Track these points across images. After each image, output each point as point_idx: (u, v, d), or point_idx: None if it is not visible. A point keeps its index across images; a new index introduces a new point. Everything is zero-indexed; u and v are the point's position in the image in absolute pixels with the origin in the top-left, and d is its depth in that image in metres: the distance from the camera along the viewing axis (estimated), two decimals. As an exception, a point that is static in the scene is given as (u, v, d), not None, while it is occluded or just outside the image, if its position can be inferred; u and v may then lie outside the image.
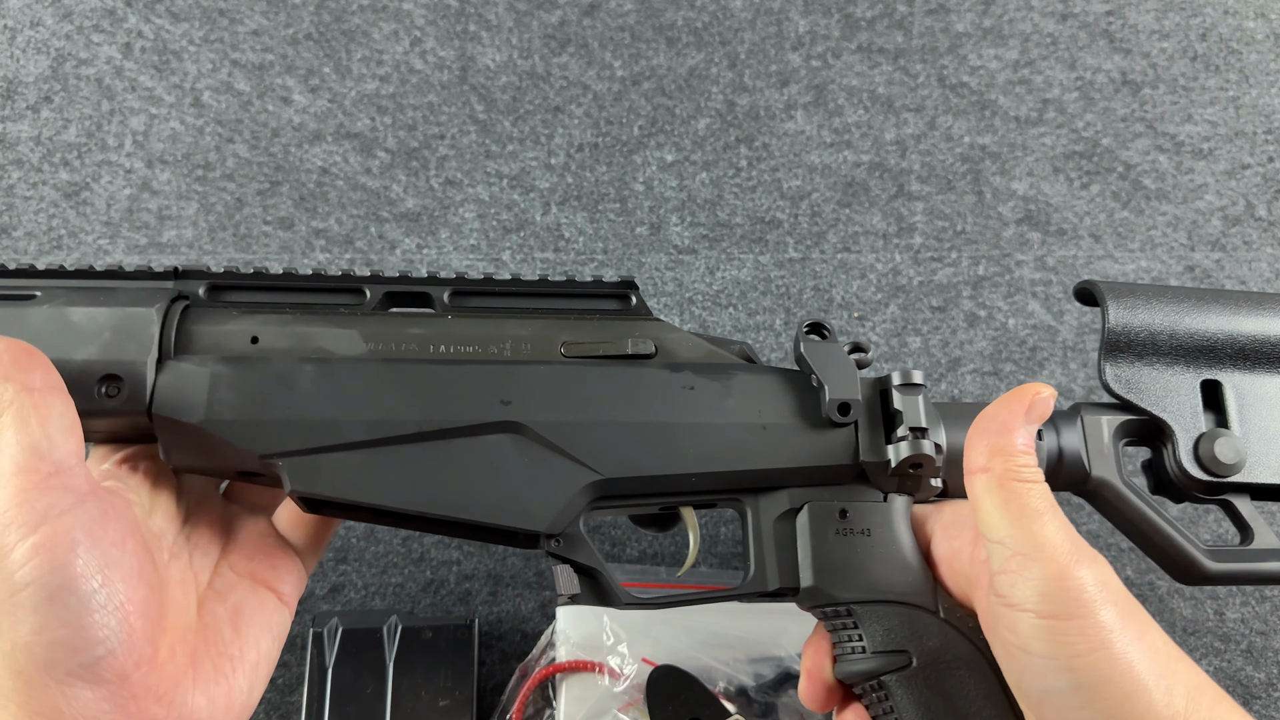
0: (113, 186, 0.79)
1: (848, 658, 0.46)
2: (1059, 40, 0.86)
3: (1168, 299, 0.52)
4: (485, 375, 0.46)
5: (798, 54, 0.85)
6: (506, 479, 0.45)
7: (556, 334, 0.48)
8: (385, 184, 0.80)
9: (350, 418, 0.44)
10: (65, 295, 0.45)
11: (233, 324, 0.46)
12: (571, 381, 0.46)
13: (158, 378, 0.43)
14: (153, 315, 0.44)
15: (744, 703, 0.64)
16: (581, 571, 0.46)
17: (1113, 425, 0.51)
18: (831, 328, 0.50)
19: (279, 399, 0.44)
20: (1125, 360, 0.52)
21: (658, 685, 0.62)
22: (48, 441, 0.36)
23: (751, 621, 0.67)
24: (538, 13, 0.85)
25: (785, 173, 0.82)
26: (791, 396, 0.48)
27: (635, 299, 0.50)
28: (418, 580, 0.70)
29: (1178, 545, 0.50)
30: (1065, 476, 0.51)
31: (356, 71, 0.83)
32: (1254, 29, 0.87)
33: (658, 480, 0.46)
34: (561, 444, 0.45)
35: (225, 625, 0.42)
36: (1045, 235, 0.80)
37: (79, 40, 0.82)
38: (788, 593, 0.47)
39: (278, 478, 0.43)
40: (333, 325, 0.47)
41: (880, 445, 0.47)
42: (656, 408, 0.47)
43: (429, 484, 0.44)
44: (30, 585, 0.34)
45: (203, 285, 0.47)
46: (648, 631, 0.65)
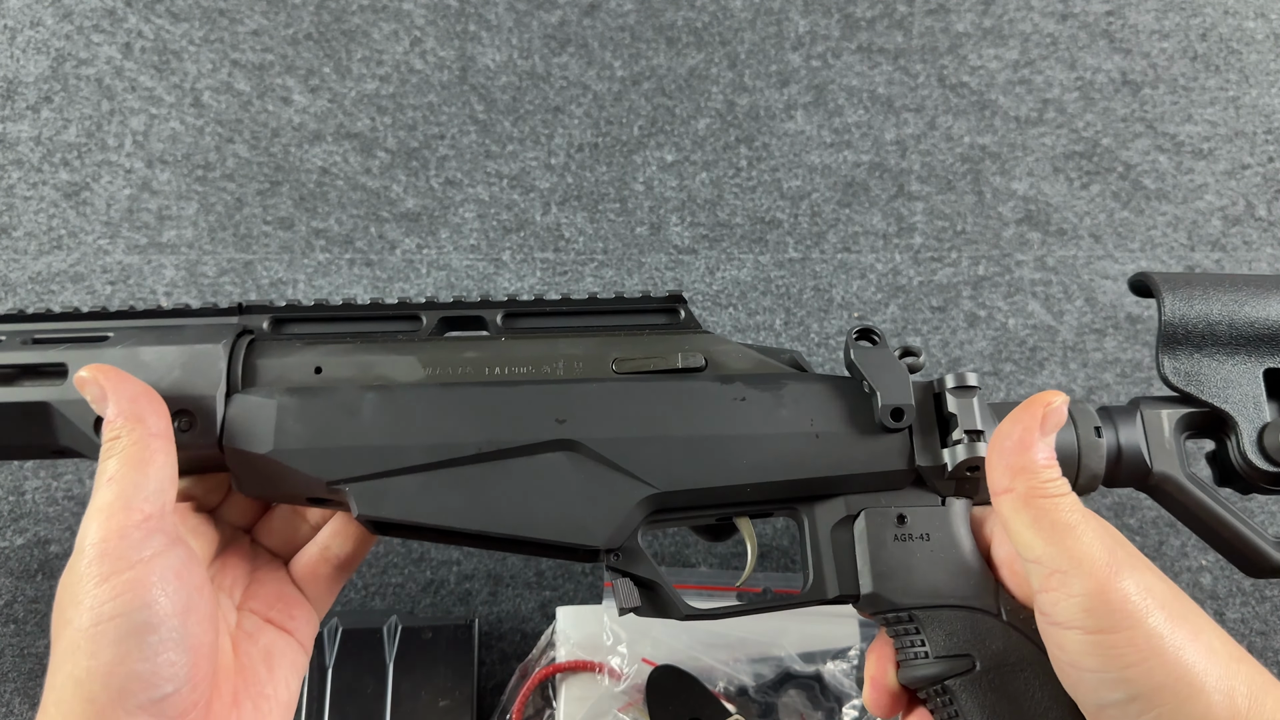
0: (113, 186, 0.79)
1: (911, 663, 0.45)
2: (1059, 40, 0.86)
3: (1226, 288, 0.51)
4: (540, 395, 0.47)
5: (798, 54, 0.85)
6: (564, 496, 0.45)
7: (608, 351, 0.49)
8: (385, 184, 0.80)
9: (411, 442, 0.45)
10: (136, 335, 0.47)
11: (296, 356, 0.48)
12: (624, 398, 0.47)
13: (227, 411, 0.45)
14: (220, 351, 0.46)
15: (744, 703, 0.64)
16: (641, 584, 0.47)
17: (1173, 419, 0.50)
18: (882, 333, 0.49)
19: (343, 427, 0.45)
20: (1184, 352, 0.51)
21: (658, 685, 0.62)
22: (149, 485, 0.39)
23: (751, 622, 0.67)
24: (538, 13, 0.85)
25: (785, 173, 0.82)
26: (843, 404, 0.48)
27: (684, 312, 0.51)
28: (418, 580, 0.70)
29: (1245, 538, 0.49)
30: (1126, 473, 0.50)
31: (356, 71, 0.83)
32: (1254, 29, 0.87)
33: (713, 492, 0.46)
34: (617, 460, 0.46)
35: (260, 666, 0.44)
36: (1045, 235, 0.80)
37: (79, 40, 0.82)
38: (847, 599, 0.47)
39: (345, 503, 0.45)
40: (392, 352, 0.48)
41: (936, 449, 0.47)
42: (709, 421, 0.47)
43: (489, 503, 0.45)
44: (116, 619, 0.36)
45: (266, 319, 0.49)
46: (647, 632, 0.65)
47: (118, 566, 0.37)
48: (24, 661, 0.67)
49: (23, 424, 0.46)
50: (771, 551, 0.71)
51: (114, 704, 0.36)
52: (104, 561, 0.37)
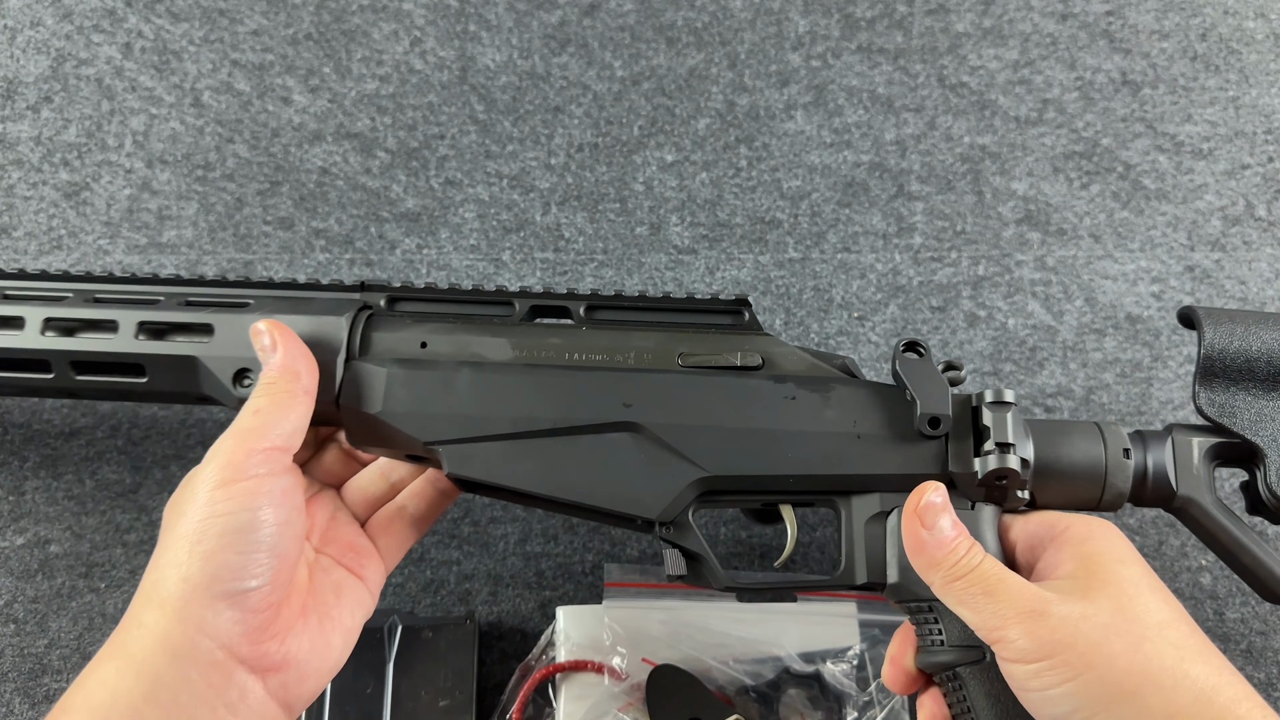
0: (113, 186, 0.79)
1: (928, 649, 0.49)
2: (1059, 40, 0.86)
3: (1269, 325, 0.53)
4: (611, 381, 0.52)
5: (798, 54, 0.85)
6: (626, 472, 0.51)
7: (675, 346, 0.54)
8: (385, 184, 0.80)
9: (498, 414, 0.51)
10: (273, 304, 0.54)
11: (406, 331, 0.54)
12: (685, 389, 0.52)
13: (345, 375, 0.52)
14: (343, 323, 0.53)
15: (744, 702, 0.64)
16: (688, 556, 0.52)
17: (1204, 447, 0.53)
18: (928, 346, 0.53)
19: (441, 396, 0.51)
20: (1220, 385, 0.53)
21: (658, 685, 0.62)
22: (285, 425, 0.46)
23: (751, 622, 0.67)
24: (538, 13, 0.85)
25: (785, 173, 0.82)
26: (886, 409, 0.52)
27: (748, 315, 0.56)
28: (418, 580, 0.70)
29: (1264, 565, 0.51)
30: (1151, 493, 0.52)
31: (356, 71, 0.83)
32: (1254, 29, 0.87)
33: (759, 480, 0.51)
34: (674, 444, 0.51)
35: (329, 593, 0.49)
36: (1045, 235, 0.80)
37: (79, 40, 0.82)
38: (875, 587, 0.52)
39: (438, 461, 0.51)
40: (487, 334, 0.54)
41: (968, 457, 0.50)
42: (760, 415, 0.52)
43: (560, 472, 0.51)
44: (225, 516, 0.42)
45: (383, 297, 0.56)
46: (648, 631, 0.65)
47: (237, 476, 0.43)
48: (24, 661, 0.67)
49: (172, 373, 0.54)
50: (772, 551, 0.72)
51: (204, 588, 0.41)
52: (227, 470, 0.43)
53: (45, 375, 0.56)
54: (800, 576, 0.55)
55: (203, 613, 0.41)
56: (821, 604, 0.68)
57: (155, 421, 0.73)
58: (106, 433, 0.72)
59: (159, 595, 0.42)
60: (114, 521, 0.71)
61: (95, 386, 0.56)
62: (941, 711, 0.49)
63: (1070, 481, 0.52)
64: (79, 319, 0.55)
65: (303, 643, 0.45)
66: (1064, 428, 0.53)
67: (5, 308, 0.56)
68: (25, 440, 0.72)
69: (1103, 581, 0.44)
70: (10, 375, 0.57)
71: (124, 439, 0.72)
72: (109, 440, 0.72)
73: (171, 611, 0.41)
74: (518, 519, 0.72)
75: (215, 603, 0.42)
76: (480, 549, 0.71)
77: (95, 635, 0.68)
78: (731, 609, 0.67)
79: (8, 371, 0.57)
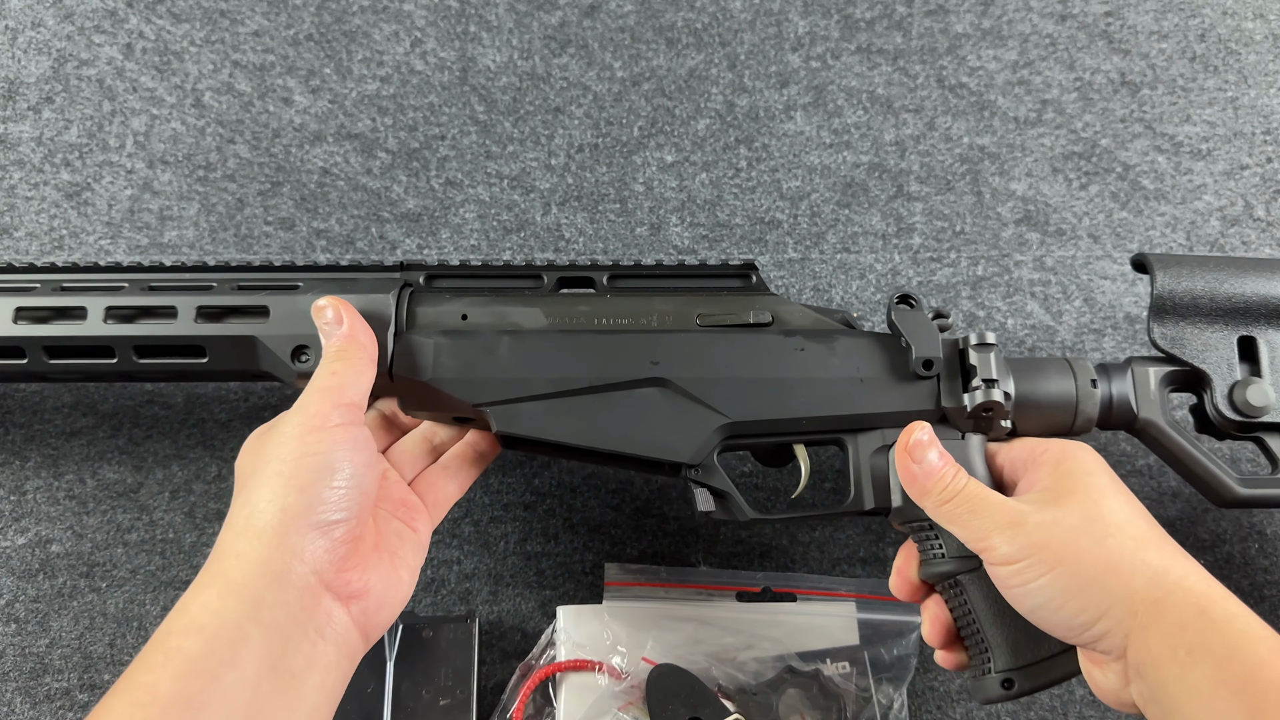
0: (114, 187, 0.79)
1: (930, 562, 0.55)
2: (1058, 41, 0.86)
3: (1210, 267, 0.61)
4: (638, 342, 0.58)
5: (797, 55, 0.85)
6: (656, 422, 0.56)
7: (693, 308, 0.60)
8: (386, 184, 0.80)
9: (537, 375, 0.56)
10: (321, 285, 0.59)
11: (447, 305, 0.59)
12: (705, 345, 0.58)
13: (395, 347, 0.57)
14: (389, 300, 0.58)
15: (743, 701, 0.64)
16: (715, 494, 0.58)
17: (1159, 375, 0.61)
18: (919, 298, 0.59)
19: (485, 362, 0.57)
20: (1171, 320, 0.61)
21: (658, 684, 0.62)
22: (359, 385, 0.52)
23: (751, 621, 0.67)
24: (538, 14, 0.85)
25: (785, 173, 0.82)
26: (884, 355, 0.58)
27: (755, 278, 0.62)
28: (418, 579, 0.70)
29: (1212, 473, 0.59)
30: (1116, 418, 0.60)
31: (357, 72, 0.83)
32: (1252, 30, 0.87)
33: (776, 423, 0.57)
34: (699, 395, 0.57)
35: (392, 537, 0.53)
36: (1044, 236, 0.80)
37: (80, 41, 0.83)
38: (881, 512, 0.58)
39: (486, 422, 0.56)
40: (521, 304, 0.59)
41: (958, 393, 0.57)
42: (773, 366, 0.58)
43: (597, 425, 0.56)
44: (317, 455, 0.48)
45: (422, 275, 0.61)
46: (648, 630, 0.65)
47: (324, 425, 0.49)
48: (25, 661, 0.67)
49: (233, 352, 0.58)
50: (771, 550, 0.72)
51: (300, 516, 0.46)
52: (315, 419, 0.49)
53: (109, 360, 0.60)
54: (815, 509, 0.60)
55: (299, 540, 0.46)
56: (821, 604, 0.68)
57: (156, 422, 0.73)
58: (108, 433, 0.73)
59: (254, 526, 0.46)
60: (115, 521, 0.71)
61: (157, 369, 0.60)
62: (943, 614, 0.56)
63: (1046, 411, 0.59)
64: (138, 306, 0.59)
65: (378, 575, 0.50)
66: (1039, 364, 0.60)
67: (68, 299, 0.59)
68: (26, 440, 0.72)
69: (1072, 490, 0.50)
70: (76, 362, 0.60)
71: (125, 439, 0.73)
72: (110, 440, 0.73)
73: (269, 539, 0.46)
74: (518, 519, 0.72)
75: (309, 531, 0.46)
76: (481, 548, 0.71)
77: (96, 635, 0.68)
78: (732, 609, 0.68)
79: (73, 359, 0.60)
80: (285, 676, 0.44)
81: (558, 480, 0.73)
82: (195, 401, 0.74)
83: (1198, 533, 0.72)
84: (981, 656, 0.54)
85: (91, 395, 0.73)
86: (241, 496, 0.48)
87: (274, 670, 0.44)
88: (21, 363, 0.60)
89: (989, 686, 0.53)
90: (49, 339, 0.59)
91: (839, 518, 0.60)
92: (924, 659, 0.69)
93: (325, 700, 0.46)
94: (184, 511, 0.71)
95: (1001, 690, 0.53)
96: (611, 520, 0.72)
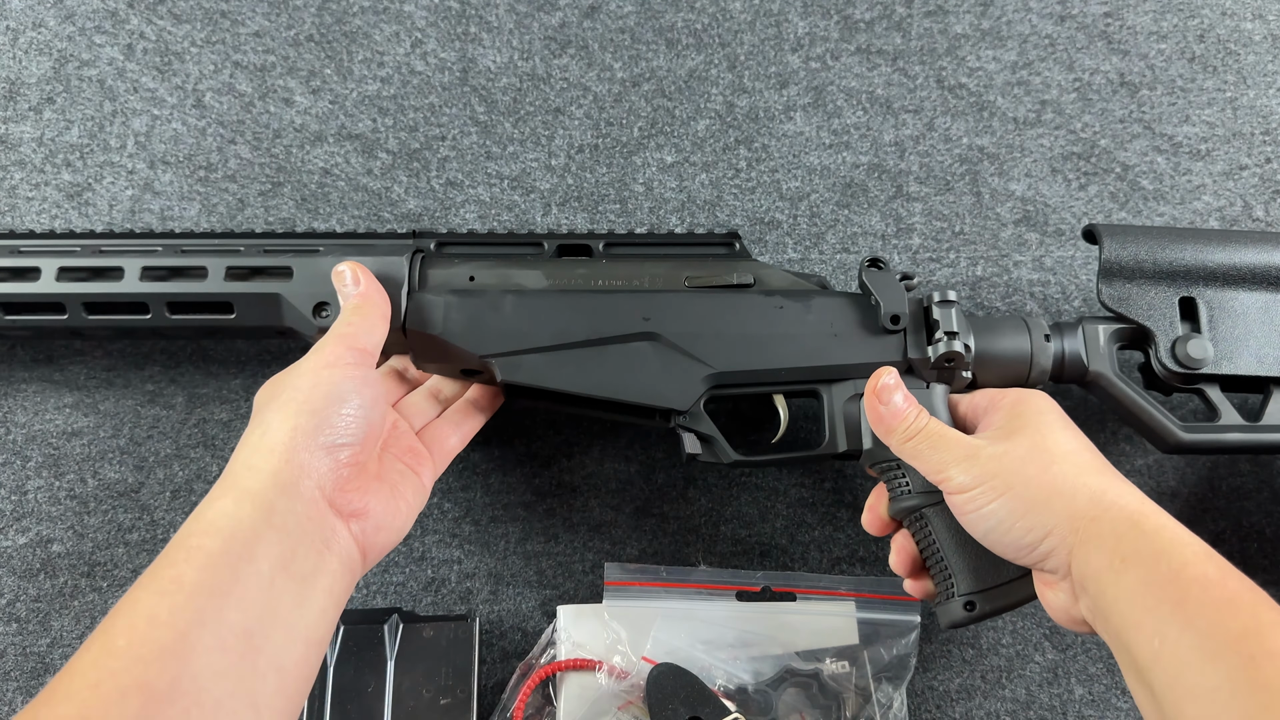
0: (115, 187, 0.79)
1: (898, 498, 0.60)
2: (1057, 42, 0.86)
3: (1153, 235, 0.66)
4: (631, 300, 0.63)
5: (797, 56, 0.85)
6: (648, 372, 0.62)
7: (682, 271, 0.65)
8: (387, 185, 0.80)
9: (539, 330, 0.61)
10: (341, 249, 0.64)
11: (455, 268, 0.64)
12: (692, 304, 0.63)
13: (408, 305, 0.62)
14: (403, 263, 0.62)
15: (743, 701, 0.64)
16: (701, 439, 0.63)
17: (1108, 332, 0.66)
18: (887, 261, 0.65)
19: (491, 318, 0.62)
20: (1118, 282, 0.66)
21: (658, 684, 0.63)
22: (373, 335, 0.57)
23: (751, 621, 0.67)
24: (538, 15, 0.86)
25: (784, 174, 0.82)
26: (856, 312, 0.64)
27: (739, 245, 0.67)
28: (419, 579, 0.71)
29: (1157, 419, 0.64)
30: (1069, 371, 0.65)
31: (358, 73, 0.83)
32: (1251, 30, 0.87)
33: (757, 374, 0.63)
34: (686, 348, 0.62)
35: (394, 474, 0.58)
36: (1043, 236, 0.80)
37: (81, 42, 0.83)
38: (852, 455, 0.63)
39: (492, 372, 0.61)
40: (524, 267, 0.64)
41: (923, 345, 0.63)
42: (755, 322, 0.63)
43: (594, 375, 0.61)
44: (329, 385, 0.52)
45: (433, 242, 0.66)
46: (648, 630, 0.65)
47: (338, 362, 0.54)
48: (26, 660, 0.67)
49: (259, 308, 0.63)
50: (771, 550, 0.72)
51: (310, 435, 0.50)
52: (330, 356, 0.54)
53: (143, 316, 0.64)
54: (793, 452, 0.64)
55: (307, 457, 0.50)
56: (821, 603, 0.68)
57: (157, 421, 0.73)
58: (109, 432, 0.73)
59: (266, 443, 0.50)
60: (116, 521, 0.71)
61: (187, 324, 0.64)
62: (910, 546, 0.61)
63: (1004, 363, 0.64)
64: (171, 266, 0.64)
65: (378, 500, 0.54)
66: (997, 321, 0.65)
67: (105, 260, 0.64)
68: (27, 440, 0.73)
69: (1024, 426, 0.55)
70: (112, 318, 0.65)
71: (126, 439, 0.73)
72: (111, 440, 0.73)
73: (280, 454, 0.49)
74: (518, 519, 0.72)
75: (317, 450, 0.50)
76: (481, 548, 0.71)
77: (97, 634, 0.68)
78: (731, 608, 0.68)
79: (110, 314, 0.64)
80: (296, 578, 0.48)
81: (558, 480, 0.73)
82: (196, 401, 0.74)
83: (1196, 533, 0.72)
84: (946, 583, 0.58)
85: (92, 395, 0.74)
86: (257, 419, 0.52)
87: (286, 570, 0.47)
88: (62, 318, 0.64)
89: (953, 610, 0.58)
90: (89, 295, 0.64)
91: (816, 461, 0.65)
92: (924, 658, 0.69)
93: (331, 605, 0.50)
94: (185, 511, 0.71)
95: (964, 612, 0.57)
96: (611, 520, 0.72)
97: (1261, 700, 0.39)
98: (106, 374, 0.74)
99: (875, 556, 0.72)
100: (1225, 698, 0.40)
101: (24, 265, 0.64)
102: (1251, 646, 0.41)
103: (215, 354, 0.75)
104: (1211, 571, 0.45)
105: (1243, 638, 0.41)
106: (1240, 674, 0.40)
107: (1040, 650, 0.70)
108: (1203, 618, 0.43)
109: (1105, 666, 0.70)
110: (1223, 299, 0.66)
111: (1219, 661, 0.41)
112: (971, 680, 0.70)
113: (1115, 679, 0.70)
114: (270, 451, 0.50)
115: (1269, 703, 0.39)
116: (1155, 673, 0.43)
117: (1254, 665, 0.40)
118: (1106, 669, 0.70)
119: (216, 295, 0.63)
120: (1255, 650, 0.40)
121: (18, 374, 0.74)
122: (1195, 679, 0.41)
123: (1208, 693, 0.41)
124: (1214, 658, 0.41)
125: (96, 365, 0.74)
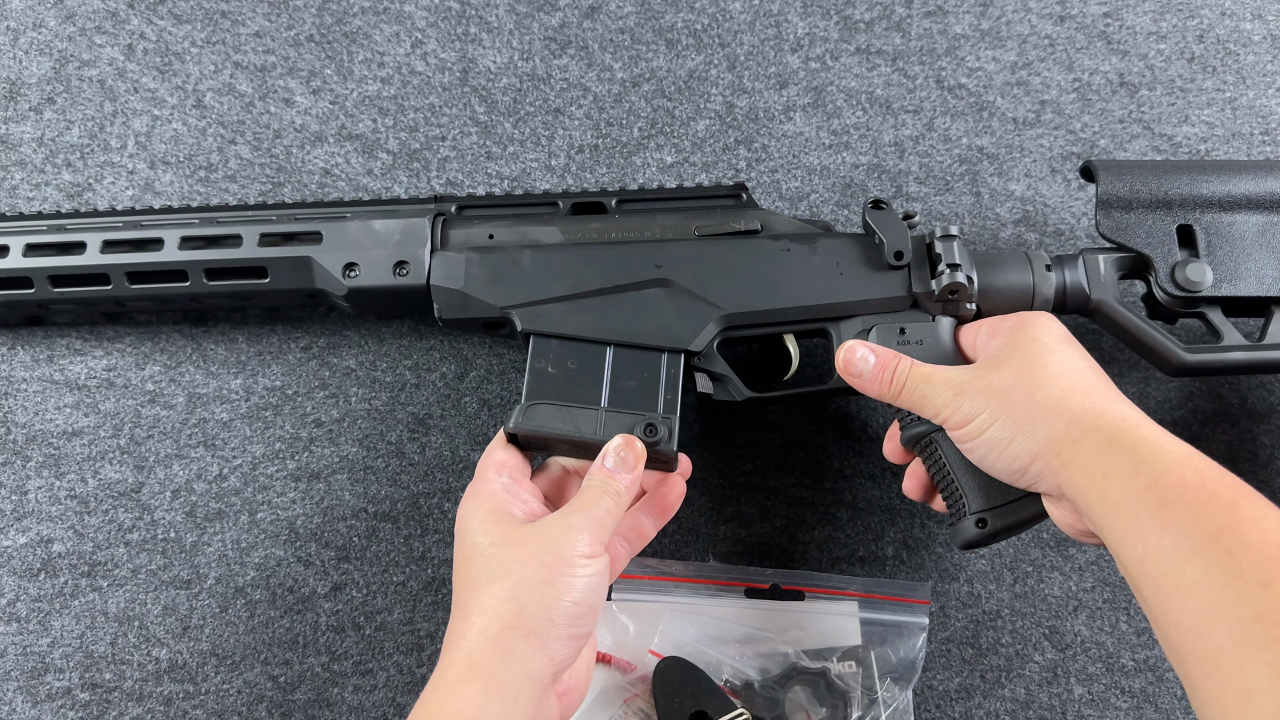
0: (115, 187, 0.79)
1: (908, 426, 0.62)
2: (1056, 42, 0.86)
3: (1148, 168, 0.68)
4: (644, 250, 0.65)
5: (796, 56, 0.86)
6: (662, 316, 0.64)
7: (691, 221, 0.67)
8: (387, 185, 0.80)
9: (556, 282, 0.64)
10: (368, 214, 0.68)
11: (476, 228, 0.67)
12: (703, 251, 0.66)
13: (432, 262, 0.65)
14: (426, 224, 0.67)
15: (749, 697, 0.64)
16: (714, 378, 0.65)
17: (1108, 261, 0.67)
18: (888, 202, 0.67)
19: (510, 272, 0.65)
20: (1116, 212, 0.67)
21: (664, 677, 0.62)
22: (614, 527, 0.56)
23: (759, 617, 0.67)
24: (538, 15, 0.86)
25: (784, 174, 0.82)
26: (860, 251, 0.66)
27: (745, 196, 0.69)
28: (419, 579, 0.70)
29: (1161, 343, 0.65)
30: (1071, 302, 0.66)
31: (358, 73, 0.83)
32: (1251, 30, 0.87)
33: (766, 314, 0.65)
34: (698, 292, 0.64)
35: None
36: (1042, 236, 0.80)
37: (81, 42, 0.83)
38: None
39: (513, 323, 0.64)
40: (541, 224, 0.67)
41: (927, 280, 0.65)
42: (764, 265, 0.65)
43: (610, 320, 0.63)
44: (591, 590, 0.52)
45: (454, 205, 0.69)
46: (655, 624, 0.65)
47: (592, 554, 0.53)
48: (26, 660, 0.67)
49: (291, 272, 0.66)
50: (772, 549, 0.72)
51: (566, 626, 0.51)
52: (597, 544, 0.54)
53: (183, 284, 0.67)
54: (803, 388, 0.66)
55: (559, 647, 0.51)
56: (829, 603, 0.68)
57: (157, 421, 0.73)
58: (109, 432, 0.73)
59: (525, 626, 0.50)
60: (116, 521, 0.71)
61: (225, 290, 0.67)
62: (922, 471, 0.63)
63: (1006, 295, 0.65)
64: (208, 235, 0.67)
65: (582, 662, 0.56)
66: (999, 255, 0.67)
67: (144, 232, 0.67)
68: (28, 439, 0.72)
69: (1014, 353, 0.56)
70: (153, 287, 0.67)
71: (126, 439, 0.73)
72: (111, 440, 0.72)
73: (537, 643, 0.50)
74: (520, 518, 0.72)
75: (568, 641, 0.51)
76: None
77: (98, 634, 0.68)
78: (740, 604, 0.68)
79: (150, 284, 0.67)
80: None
81: (559, 479, 0.73)
82: (196, 401, 0.74)
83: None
84: (958, 504, 0.60)
85: (92, 395, 0.73)
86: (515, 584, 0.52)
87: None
88: (106, 289, 0.67)
89: (966, 528, 0.59)
90: (131, 265, 0.67)
91: (826, 396, 0.67)
92: (929, 659, 0.69)
93: None
94: (185, 511, 0.71)
95: (976, 529, 0.59)
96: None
97: (1238, 590, 0.41)
98: (106, 374, 0.74)
99: (875, 556, 0.72)
100: (1203, 591, 0.42)
101: (70, 240, 0.67)
102: (1227, 542, 0.43)
103: (215, 354, 0.75)
104: (1189, 475, 0.46)
105: (1219, 534, 0.43)
106: (1217, 568, 0.42)
107: (1040, 650, 0.70)
108: (1180, 520, 0.45)
109: (1105, 666, 0.70)
110: (1220, 224, 0.67)
111: (1197, 559, 0.43)
112: (971, 680, 0.70)
113: (1115, 679, 0.70)
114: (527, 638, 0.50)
115: (1245, 592, 0.41)
116: (1142, 577, 0.46)
117: (1230, 559, 0.42)
118: (1106, 669, 0.70)
119: (251, 260, 0.66)
120: (1231, 545, 0.43)
121: (18, 374, 0.74)
122: (1176, 578, 0.44)
123: (1188, 588, 0.43)
124: (1192, 556, 0.44)
125: (96, 365, 0.74)
